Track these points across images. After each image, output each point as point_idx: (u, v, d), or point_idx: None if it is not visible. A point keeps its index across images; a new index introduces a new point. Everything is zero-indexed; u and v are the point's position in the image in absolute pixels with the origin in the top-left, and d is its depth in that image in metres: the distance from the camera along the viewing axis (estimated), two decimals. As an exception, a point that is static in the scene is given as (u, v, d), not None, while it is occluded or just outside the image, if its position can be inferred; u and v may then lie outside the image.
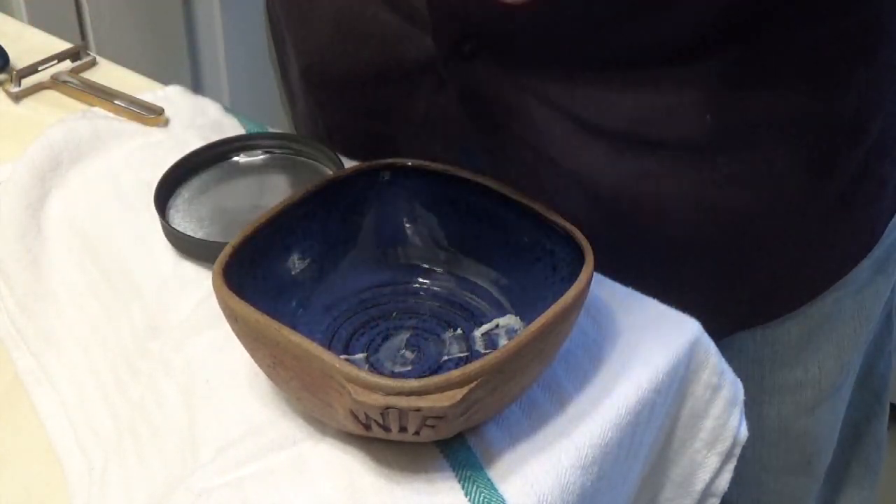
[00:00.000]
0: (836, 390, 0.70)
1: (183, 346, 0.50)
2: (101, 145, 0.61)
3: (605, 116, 0.58)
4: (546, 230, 0.48)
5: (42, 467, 0.49)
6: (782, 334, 0.66)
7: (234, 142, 0.61)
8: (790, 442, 0.71)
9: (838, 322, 0.67)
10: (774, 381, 0.68)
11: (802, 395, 0.68)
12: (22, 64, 0.74)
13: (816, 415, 0.70)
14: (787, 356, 0.66)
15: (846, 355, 0.68)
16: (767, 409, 0.69)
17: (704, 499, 0.55)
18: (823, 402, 0.69)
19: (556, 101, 0.58)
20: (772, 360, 0.67)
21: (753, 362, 0.67)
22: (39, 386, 0.53)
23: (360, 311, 0.50)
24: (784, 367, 0.67)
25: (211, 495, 0.42)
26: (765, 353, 0.66)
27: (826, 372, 0.68)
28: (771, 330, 0.65)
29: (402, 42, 0.62)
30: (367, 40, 0.64)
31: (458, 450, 0.43)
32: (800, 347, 0.66)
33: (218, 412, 0.47)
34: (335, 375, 0.39)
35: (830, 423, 0.72)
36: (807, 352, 0.67)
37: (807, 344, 0.66)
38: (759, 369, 0.67)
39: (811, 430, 0.71)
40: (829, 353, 0.67)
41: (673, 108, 0.56)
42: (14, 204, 0.58)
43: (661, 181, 0.58)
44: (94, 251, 0.56)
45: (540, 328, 0.41)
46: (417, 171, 0.51)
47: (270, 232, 0.48)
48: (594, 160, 0.59)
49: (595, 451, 0.44)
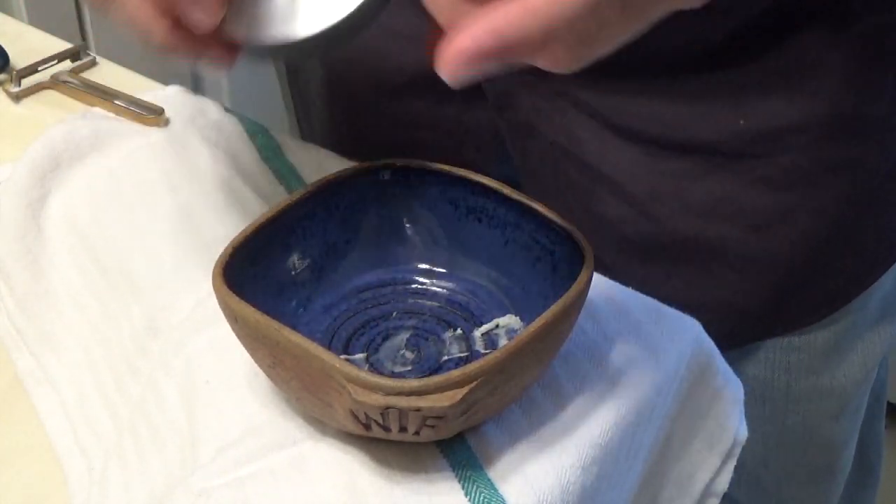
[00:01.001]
0: (859, 398, 0.69)
1: (183, 346, 0.50)
2: (101, 145, 0.61)
3: (639, 121, 0.58)
4: (546, 230, 0.48)
5: (42, 467, 0.49)
6: (809, 341, 0.65)
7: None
8: (815, 450, 0.70)
9: (864, 329, 0.66)
10: (801, 389, 0.67)
11: (828, 403, 0.67)
12: (22, 64, 0.74)
13: (840, 422, 0.69)
14: (813, 364, 0.66)
15: (871, 361, 0.68)
16: (793, 417, 0.68)
17: (704, 499, 0.55)
18: (846, 411, 0.69)
19: (590, 107, 0.59)
20: (798, 368, 0.66)
21: (779, 370, 0.66)
22: (39, 386, 0.53)
23: (360, 311, 0.50)
24: (811, 374, 0.66)
25: (211, 495, 0.42)
26: (791, 360, 0.66)
27: (851, 379, 0.67)
28: (797, 337, 0.65)
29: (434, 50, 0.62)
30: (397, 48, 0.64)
31: (458, 450, 0.43)
32: (826, 355, 0.65)
33: (218, 412, 0.47)
34: (335, 375, 0.39)
35: (851, 429, 0.71)
36: (833, 359, 0.66)
37: (833, 351, 0.65)
38: (784, 377, 0.66)
39: (835, 437, 0.70)
40: (855, 361, 0.67)
41: (706, 113, 0.56)
42: (14, 204, 0.58)
43: (695, 184, 0.58)
44: (94, 251, 0.56)
45: (540, 328, 0.41)
46: (417, 171, 0.51)
47: (270, 232, 0.48)
48: (628, 164, 0.59)
49: (595, 451, 0.44)
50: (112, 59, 0.78)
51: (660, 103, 0.57)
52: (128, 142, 0.63)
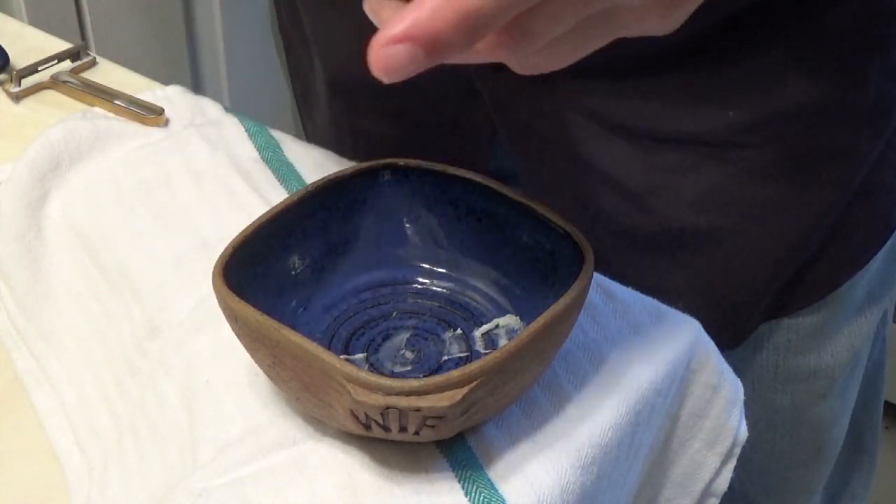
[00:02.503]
0: (846, 378, 0.70)
1: (183, 346, 0.50)
2: (101, 145, 0.61)
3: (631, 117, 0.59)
4: (546, 230, 0.48)
5: (42, 467, 0.49)
6: (797, 323, 0.66)
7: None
8: (802, 431, 0.71)
9: (850, 310, 0.67)
10: (788, 369, 0.68)
11: (816, 383, 0.69)
12: (22, 64, 0.74)
13: (828, 402, 0.70)
14: (801, 344, 0.67)
15: (857, 342, 0.68)
16: (781, 397, 0.69)
17: (704, 499, 0.55)
18: (834, 390, 0.70)
19: (584, 105, 0.59)
20: (786, 349, 0.67)
21: (767, 350, 0.67)
22: (39, 386, 0.53)
23: (360, 311, 0.50)
24: (798, 354, 0.67)
25: (211, 495, 0.42)
26: (779, 341, 0.67)
27: (839, 359, 0.68)
28: (786, 319, 0.66)
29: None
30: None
31: (458, 450, 0.43)
32: (813, 336, 0.66)
33: (218, 412, 0.47)
34: (335, 375, 0.39)
35: (841, 411, 0.72)
36: (820, 339, 0.67)
37: (820, 332, 0.66)
38: (773, 357, 0.67)
39: (823, 418, 0.71)
40: (842, 341, 0.68)
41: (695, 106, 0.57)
42: (14, 204, 0.58)
43: (687, 176, 0.59)
44: (94, 251, 0.56)
45: (540, 328, 0.41)
46: (417, 171, 0.51)
47: (270, 232, 0.48)
48: (622, 159, 0.60)
49: (595, 451, 0.44)
50: (112, 59, 0.78)
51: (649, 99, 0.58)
52: (128, 142, 0.63)
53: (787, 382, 0.68)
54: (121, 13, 1.39)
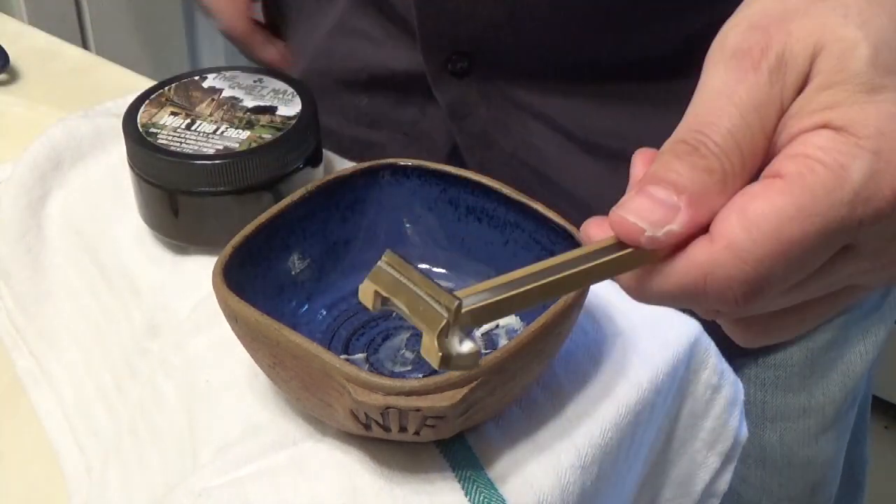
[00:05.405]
0: (841, 418, 0.69)
1: (183, 346, 0.50)
2: (102, 145, 0.61)
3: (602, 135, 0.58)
4: (546, 230, 0.48)
5: (42, 467, 0.49)
6: (785, 358, 0.65)
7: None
8: (794, 471, 0.70)
9: (844, 348, 0.66)
10: (777, 406, 0.67)
11: (806, 422, 0.67)
12: (22, 64, 0.74)
13: (821, 444, 0.69)
14: (790, 382, 0.65)
15: (851, 382, 0.67)
16: (770, 434, 0.68)
17: (705, 499, 0.55)
18: (829, 431, 0.68)
19: (552, 119, 0.58)
20: (774, 385, 0.66)
21: (754, 386, 0.66)
22: (39, 386, 0.53)
23: (360, 310, 0.50)
24: (788, 392, 0.66)
25: (211, 495, 0.42)
26: (766, 377, 0.65)
27: (831, 399, 0.67)
28: (773, 354, 0.65)
29: (394, 52, 0.62)
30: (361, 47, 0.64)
31: (458, 450, 0.43)
32: (804, 374, 0.65)
33: (218, 412, 0.47)
34: (335, 375, 0.39)
35: (835, 451, 0.71)
36: (812, 378, 0.65)
37: (811, 370, 0.65)
38: (760, 393, 0.66)
39: (816, 459, 0.69)
40: (835, 380, 0.66)
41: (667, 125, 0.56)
42: (14, 203, 0.58)
43: None
44: (94, 251, 0.56)
45: (540, 328, 0.41)
46: (417, 171, 0.51)
47: (270, 232, 0.48)
48: (591, 179, 0.59)
49: (595, 451, 0.44)
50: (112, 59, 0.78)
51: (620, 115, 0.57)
52: (128, 142, 0.63)
53: (776, 421, 0.67)
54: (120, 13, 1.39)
